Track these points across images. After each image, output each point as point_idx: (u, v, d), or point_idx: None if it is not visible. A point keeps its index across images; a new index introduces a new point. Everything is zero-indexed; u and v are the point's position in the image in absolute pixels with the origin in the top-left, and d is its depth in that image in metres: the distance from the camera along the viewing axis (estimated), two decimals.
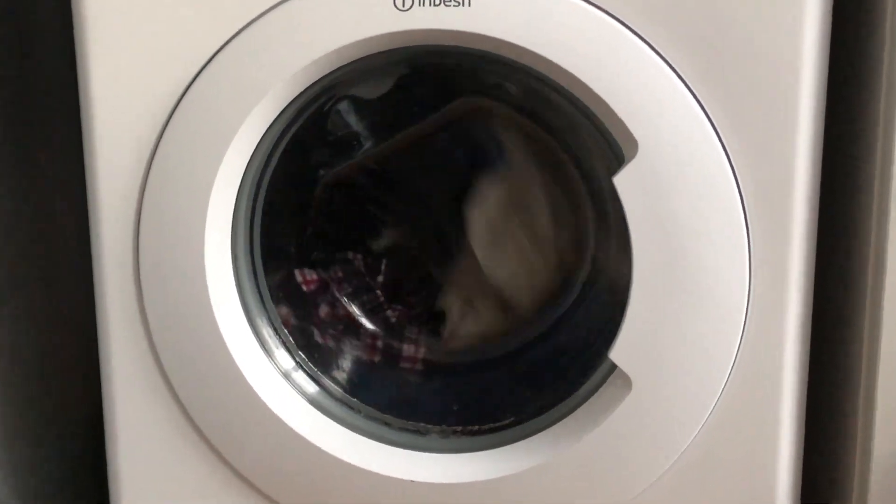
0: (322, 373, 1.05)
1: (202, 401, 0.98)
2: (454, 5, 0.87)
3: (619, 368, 0.93)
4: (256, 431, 0.97)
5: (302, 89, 0.93)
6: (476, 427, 1.02)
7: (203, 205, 0.92)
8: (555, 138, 1.05)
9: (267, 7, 0.89)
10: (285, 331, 1.04)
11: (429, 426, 1.03)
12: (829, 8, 0.88)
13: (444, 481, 0.97)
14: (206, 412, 0.98)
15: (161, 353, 0.97)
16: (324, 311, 1.10)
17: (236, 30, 0.90)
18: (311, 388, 1.03)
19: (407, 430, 1.03)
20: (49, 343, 1.13)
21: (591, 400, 0.97)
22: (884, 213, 0.91)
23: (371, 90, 1.03)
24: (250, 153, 0.95)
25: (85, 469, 1.16)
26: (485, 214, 1.09)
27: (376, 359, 1.10)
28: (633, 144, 0.88)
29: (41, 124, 1.11)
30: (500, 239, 1.10)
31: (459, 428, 1.03)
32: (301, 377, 1.03)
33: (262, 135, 0.94)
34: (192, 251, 0.93)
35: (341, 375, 1.07)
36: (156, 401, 0.98)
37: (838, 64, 0.91)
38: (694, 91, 0.88)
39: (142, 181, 0.93)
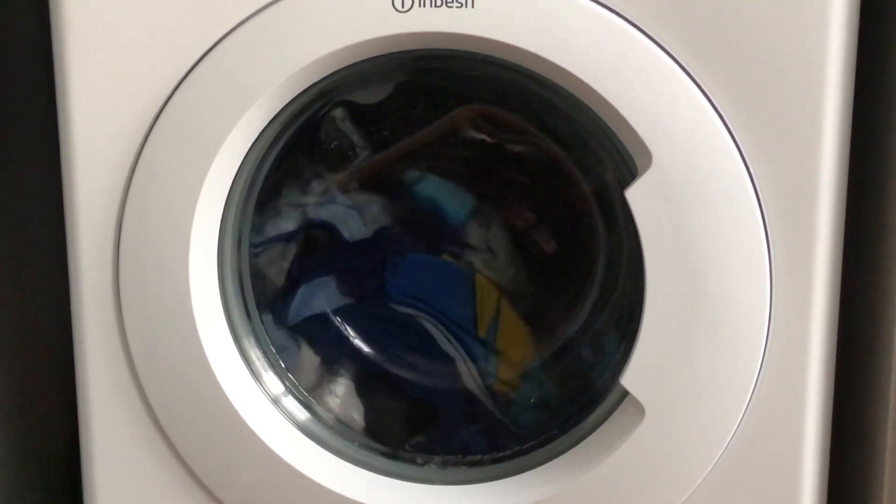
0: (313, 398, 1.04)
1: (185, 428, 0.96)
2: (456, 6, 0.86)
3: (631, 395, 0.91)
4: (243, 461, 0.96)
5: (294, 95, 0.91)
6: (478, 457, 1.01)
7: (188, 219, 0.91)
8: (564, 149, 1.04)
9: (257, 8, 0.88)
10: (274, 352, 1.03)
11: (427, 456, 1.01)
12: (856, 12, 0.87)
13: None
14: (189, 440, 0.96)
15: (142, 377, 0.95)
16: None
17: (224, 32, 0.88)
18: (302, 414, 1.01)
19: (404, 461, 1.01)
20: (24, 368, 1.11)
21: (601, 429, 0.95)
22: None
23: (369, 95, 1.02)
24: (238, 164, 0.93)
25: (62, 500, 1.15)
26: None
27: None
28: (647, 156, 0.86)
29: (15, 130, 1.09)
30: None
31: (460, 458, 1.01)
32: (291, 403, 1.01)
33: (251, 144, 0.93)
34: (175, 268, 0.92)
35: (334, 401, 1.06)
36: (136, 428, 0.97)
37: (864, 65, 0.90)
38: (712, 99, 0.86)
39: (122, 194, 0.92)
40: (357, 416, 1.04)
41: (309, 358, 1.06)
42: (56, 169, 0.93)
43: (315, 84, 0.90)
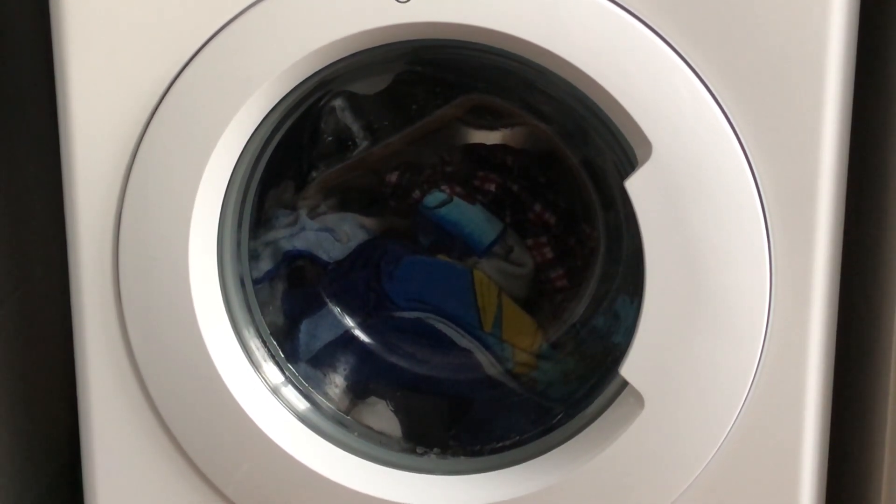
0: (313, 388, 1.03)
1: (185, 417, 0.95)
2: None
3: (631, 385, 0.91)
4: (243, 450, 0.95)
5: (293, 85, 0.91)
6: (477, 447, 1.01)
7: (187, 209, 0.90)
8: (563, 139, 1.04)
9: None
10: (274, 342, 1.03)
11: (426, 446, 1.01)
12: (857, 5, 0.86)
13: None
14: (189, 430, 0.96)
15: (142, 367, 0.95)
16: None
17: (224, 22, 0.88)
18: (302, 404, 1.01)
19: (403, 451, 1.01)
20: (26, 358, 1.11)
21: (600, 419, 0.95)
22: None
23: (369, 86, 1.02)
24: (238, 153, 0.93)
25: (64, 490, 1.15)
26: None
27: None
28: (647, 146, 0.86)
29: (17, 122, 1.09)
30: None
31: (459, 448, 1.01)
32: (290, 392, 1.01)
33: (250, 134, 0.92)
34: (175, 258, 0.91)
35: (333, 391, 1.06)
36: (136, 418, 0.96)
37: (865, 61, 0.90)
38: (712, 90, 0.86)
39: (122, 185, 0.91)
40: (395, 425, 1.04)
41: (336, 382, 1.06)
42: (58, 161, 0.93)
43: (314, 74, 0.90)
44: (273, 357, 1.01)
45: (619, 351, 0.96)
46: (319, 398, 1.03)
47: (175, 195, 0.90)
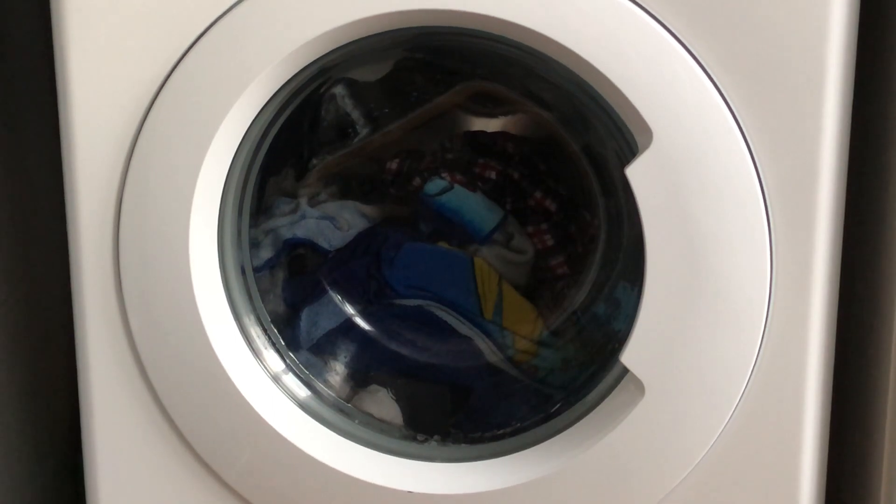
0: (314, 376, 1.03)
1: (186, 405, 0.96)
2: None
3: (631, 373, 0.91)
4: (244, 438, 0.95)
5: (293, 73, 0.90)
6: (478, 434, 1.01)
7: (188, 197, 0.90)
8: (564, 126, 1.04)
9: None
10: (275, 330, 1.03)
11: (427, 434, 1.01)
12: None
13: (444, 492, 0.95)
14: (190, 418, 0.96)
15: (143, 355, 0.95)
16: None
17: (223, 9, 0.88)
18: (303, 392, 1.01)
19: (404, 438, 1.01)
20: (29, 346, 1.11)
21: (601, 407, 0.95)
22: None
23: (369, 73, 1.02)
24: (238, 141, 0.92)
25: (66, 480, 1.16)
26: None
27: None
28: (648, 134, 0.86)
29: (19, 116, 1.09)
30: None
31: (460, 435, 1.01)
32: (291, 380, 1.01)
33: (250, 122, 0.92)
34: (175, 246, 0.91)
35: (334, 379, 1.06)
36: (137, 406, 0.96)
37: (866, 52, 0.89)
38: (713, 77, 0.85)
39: (122, 173, 0.91)
40: (395, 413, 1.04)
41: (337, 370, 1.07)
42: (59, 153, 0.92)
43: (314, 61, 0.90)
44: (274, 345, 1.01)
45: (619, 338, 0.96)
46: (320, 386, 1.03)
47: (175, 183, 0.90)
